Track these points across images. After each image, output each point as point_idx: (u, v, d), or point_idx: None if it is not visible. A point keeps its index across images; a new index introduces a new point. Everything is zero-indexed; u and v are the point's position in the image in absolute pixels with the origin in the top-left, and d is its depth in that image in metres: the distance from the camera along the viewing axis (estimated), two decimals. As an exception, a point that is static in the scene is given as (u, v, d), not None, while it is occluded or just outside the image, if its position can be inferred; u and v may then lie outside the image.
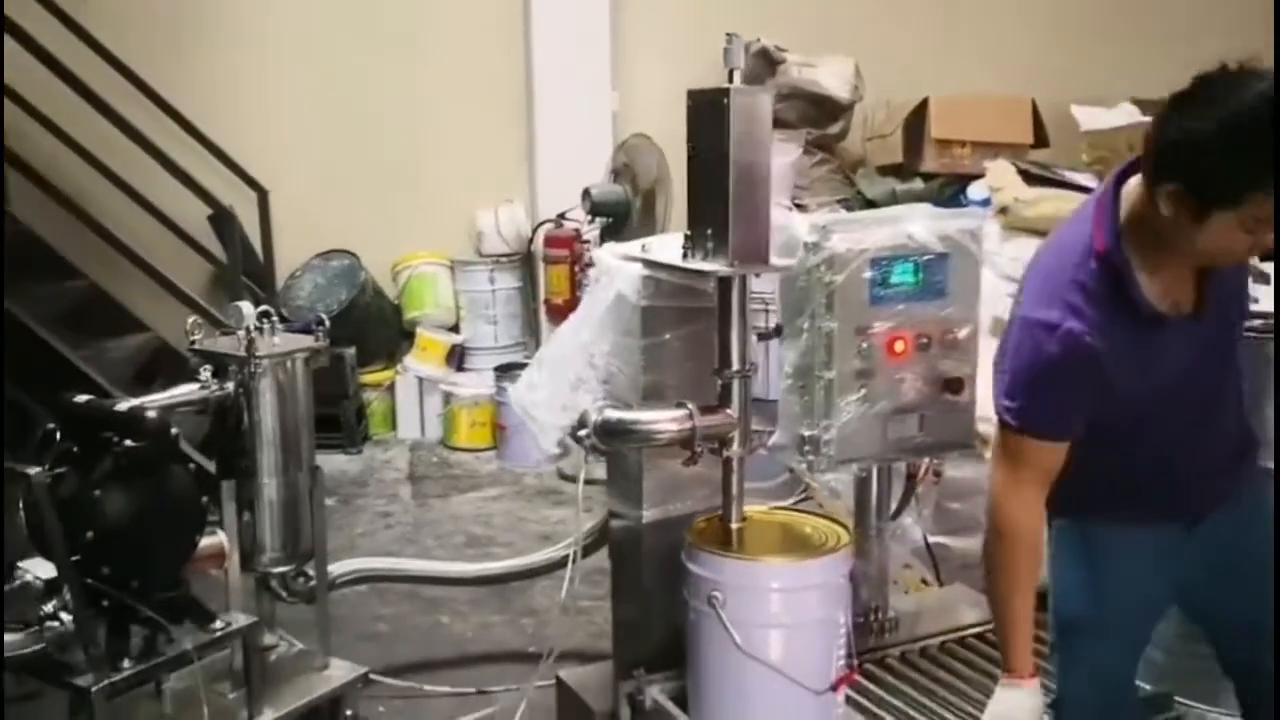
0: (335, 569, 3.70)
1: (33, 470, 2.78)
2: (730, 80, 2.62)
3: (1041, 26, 7.66)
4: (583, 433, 2.72)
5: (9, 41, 5.34)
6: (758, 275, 2.73)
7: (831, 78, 6.82)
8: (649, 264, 2.85)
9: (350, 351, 6.44)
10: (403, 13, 6.84)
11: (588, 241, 6.43)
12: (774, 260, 2.67)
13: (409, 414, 6.70)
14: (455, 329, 6.89)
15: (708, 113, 2.60)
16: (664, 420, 2.67)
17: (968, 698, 2.81)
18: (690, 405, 2.66)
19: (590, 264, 6.32)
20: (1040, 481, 2.20)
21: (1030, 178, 5.13)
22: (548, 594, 4.37)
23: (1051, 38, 7.66)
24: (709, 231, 2.62)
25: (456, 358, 6.80)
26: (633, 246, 2.98)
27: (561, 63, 6.72)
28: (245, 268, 6.27)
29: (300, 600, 3.59)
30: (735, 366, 2.68)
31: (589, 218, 6.04)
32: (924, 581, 3.90)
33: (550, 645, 3.33)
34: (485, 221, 6.92)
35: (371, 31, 6.79)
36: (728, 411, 2.68)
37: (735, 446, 2.69)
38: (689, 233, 2.69)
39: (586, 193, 5.91)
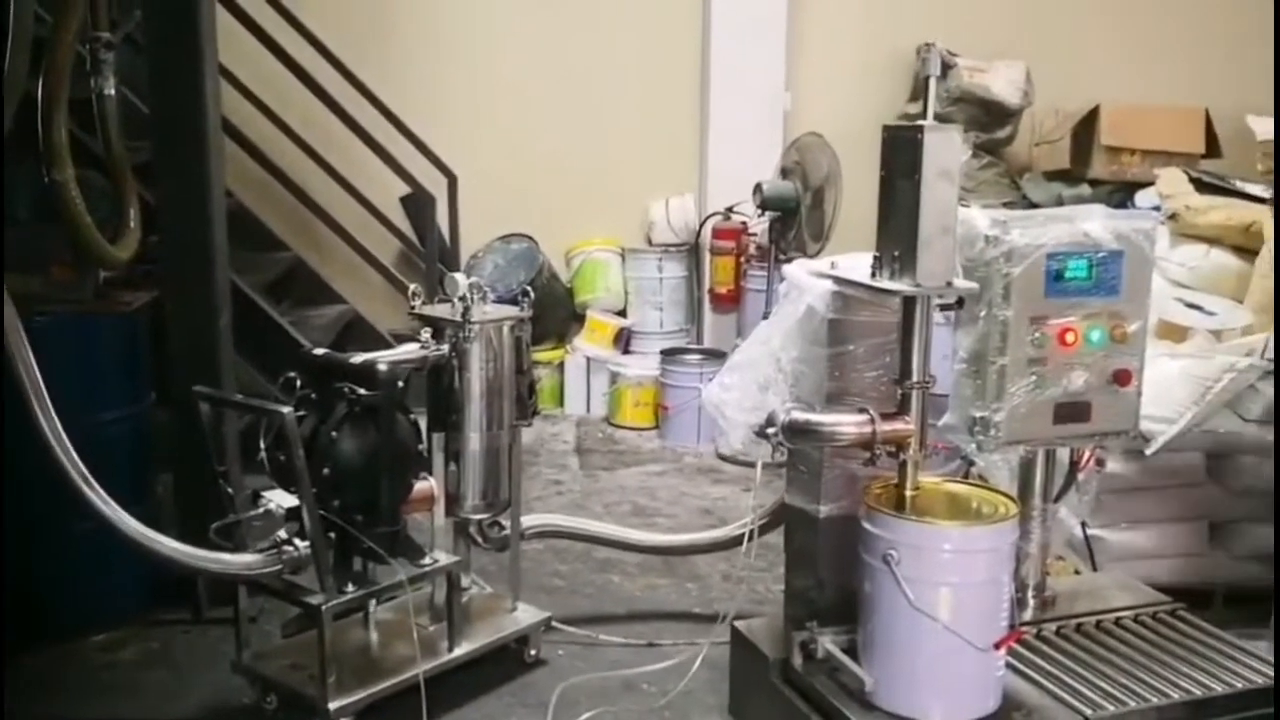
0: (526, 522, 4.03)
1: (285, 410, 3.15)
2: (925, 87, 2.83)
3: (1215, 36, 7.55)
4: (770, 430, 2.93)
5: (230, 25, 5.78)
6: (941, 296, 2.88)
7: (1002, 83, 6.92)
8: (838, 281, 3.02)
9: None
10: (584, 11, 7.16)
11: (754, 234, 6.68)
12: (956, 282, 2.83)
13: (576, 391, 6.99)
14: (623, 313, 7.17)
15: (902, 146, 2.76)
16: (847, 424, 2.87)
17: (1119, 669, 2.97)
18: (872, 410, 2.85)
19: (754, 256, 6.61)
20: None
21: (1202, 186, 5.14)
22: (710, 563, 4.63)
23: (1226, 48, 7.57)
24: (896, 253, 2.78)
25: (623, 340, 7.08)
26: (822, 264, 3.17)
27: (737, 62, 6.94)
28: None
29: (494, 547, 3.91)
30: (915, 378, 2.86)
31: (759, 211, 6.25)
32: (1076, 572, 4.04)
33: (722, 608, 3.57)
34: (656, 212, 7.18)
35: (553, 28, 7.11)
36: (906, 418, 2.86)
37: (912, 450, 2.88)
38: (877, 254, 2.86)
39: (758, 187, 6.09)
